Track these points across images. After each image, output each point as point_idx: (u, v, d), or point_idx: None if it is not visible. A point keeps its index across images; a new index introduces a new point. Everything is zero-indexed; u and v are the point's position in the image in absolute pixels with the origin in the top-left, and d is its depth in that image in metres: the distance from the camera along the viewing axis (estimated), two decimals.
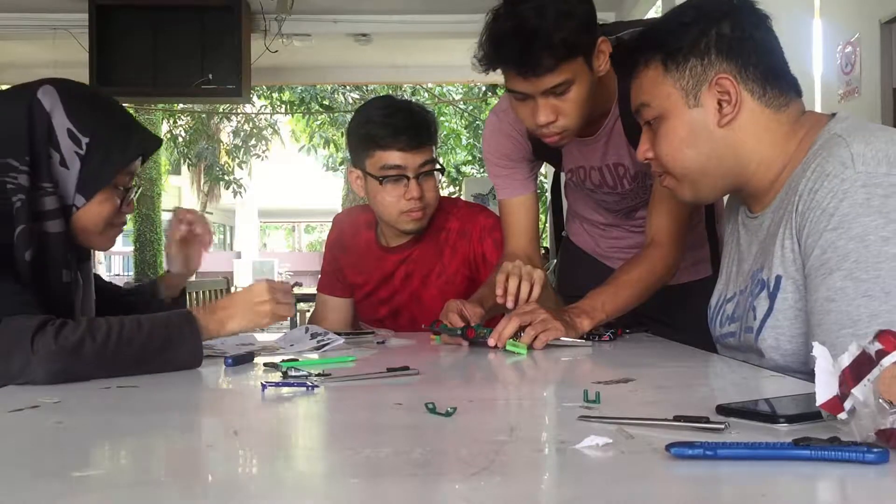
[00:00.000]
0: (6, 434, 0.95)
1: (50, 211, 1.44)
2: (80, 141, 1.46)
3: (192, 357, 1.38)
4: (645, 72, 1.39)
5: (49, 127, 1.44)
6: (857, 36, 3.59)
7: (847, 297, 1.18)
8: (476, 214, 2.14)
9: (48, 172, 1.44)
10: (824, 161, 1.24)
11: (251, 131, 17.85)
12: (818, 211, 1.22)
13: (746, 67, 1.32)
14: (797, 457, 0.73)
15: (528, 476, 0.76)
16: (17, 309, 1.28)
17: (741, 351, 1.42)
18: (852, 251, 1.18)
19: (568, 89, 1.63)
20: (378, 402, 1.13)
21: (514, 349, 1.55)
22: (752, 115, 1.33)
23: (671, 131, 1.37)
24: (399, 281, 2.15)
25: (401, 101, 2.10)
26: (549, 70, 1.59)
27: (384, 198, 2.03)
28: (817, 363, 0.79)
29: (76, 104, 1.47)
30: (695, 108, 1.34)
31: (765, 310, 1.32)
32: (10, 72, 7.37)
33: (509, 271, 1.70)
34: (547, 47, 1.56)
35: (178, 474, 0.79)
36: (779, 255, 1.30)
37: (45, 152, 1.43)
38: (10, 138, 1.42)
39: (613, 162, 1.89)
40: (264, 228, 31.24)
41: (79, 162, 1.46)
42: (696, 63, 1.34)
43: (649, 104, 1.39)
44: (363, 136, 2.03)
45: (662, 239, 1.80)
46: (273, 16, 5.49)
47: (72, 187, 1.47)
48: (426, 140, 2.02)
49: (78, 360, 1.24)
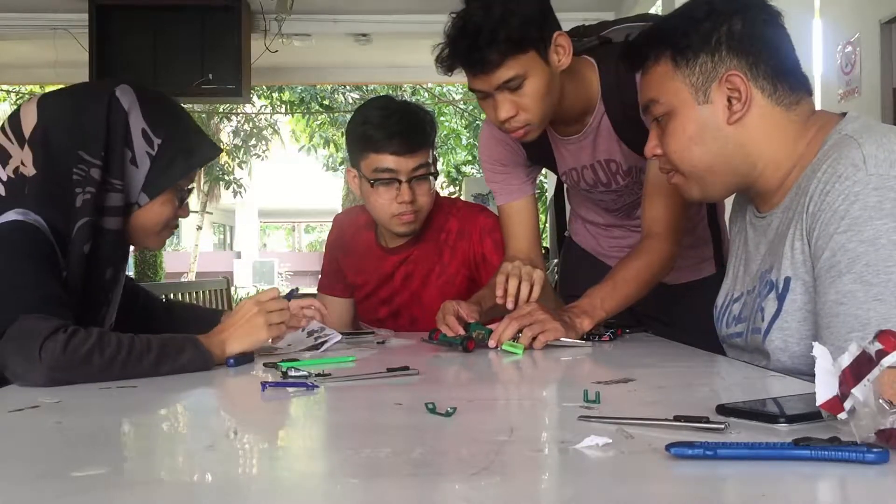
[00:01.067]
0: (6, 434, 0.95)
1: (113, 207, 1.48)
2: (153, 142, 1.50)
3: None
4: (654, 67, 1.38)
5: (126, 126, 1.47)
6: (857, 36, 3.59)
7: (857, 300, 1.17)
8: (476, 215, 2.14)
9: (119, 170, 1.47)
10: (836, 162, 1.23)
11: (251, 131, 17.86)
12: (829, 213, 1.21)
13: (757, 65, 1.31)
14: (797, 457, 0.73)
15: (528, 476, 0.76)
16: (37, 306, 1.28)
17: (748, 352, 1.41)
18: (863, 254, 1.17)
19: (521, 84, 1.65)
20: (378, 402, 1.13)
21: (511, 349, 1.55)
22: (762, 113, 1.32)
23: (679, 128, 1.35)
24: (399, 281, 2.15)
25: (398, 103, 2.09)
26: (497, 65, 1.63)
27: (376, 200, 2.03)
28: (817, 363, 0.79)
29: (152, 106, 1.51)
30: (704, 104, 1.33)
31: (773, 311, 1.31)
32: (10, 72, 7.39)
33: (509, 272, 1.70)
34: (491, 43, 1.61)
35: (178, 474, 0.79)
36: (788, 256, 1.29)
37: (119, 150, 1.47)
38: (88, 133, 1.45)
39: (605, 158, 1.89)
40: (264, 228, 31.25)
41: (149, 162, 1.50)
42: (707, 59, 1.32)
43: (658, 100, 1.37)
44: (359, 136, 2.03)
45: (658, 231, 1.79)
46: (273, 16, 5.49)
47: (138, 186, 1.51)
48: (420, 144, 2.01)
49: (82, 372, 1.24)
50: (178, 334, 1.38)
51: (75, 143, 1.44)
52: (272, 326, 1.48)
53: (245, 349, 1.44)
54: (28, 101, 1.50)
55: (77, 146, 1.44)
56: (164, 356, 1.31)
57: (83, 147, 1.44)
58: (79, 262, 1.43)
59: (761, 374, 1.28)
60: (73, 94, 1.54)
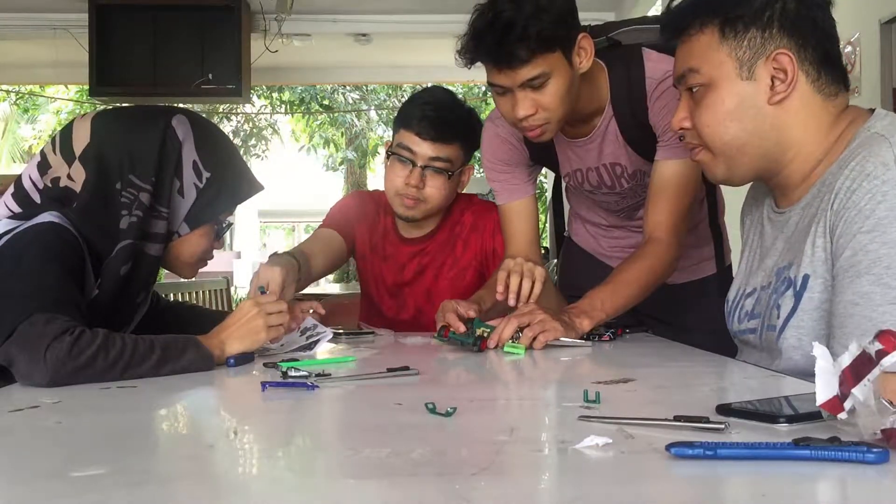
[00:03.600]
0: (6, 434, 0.95)
1: (156, 234, 1.51)
2: (202, 175, 1.53)
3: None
4: (699, 36, 1.32)
5: (178, 156, 1.50)
6: (857, 36, 3.59)
7: (873, 302, 1.16)
8: (490, 210, 2.16)
9: (167, 198, 1.50)
10: (864, 160, 1.20)
11: (251, 131, 17.84)
12: (854, 211, 1.19)
13: (806, 48, 1.26)
14: (797, 457, 0.73)
15: (528, 476, 0.76)
16: (50, 307, 1.29)
17: (760, 349, 1.38)
18: (884, 256, 1.15)
19: (545, 83, 1.65)
20: (378, 402, 1.13)
21: (513, 350, 1.55)
22: (803, 99, 1.28)
23: (718, 101, 1.30)
24: (411, 273, 2.16)
25: (447, 96, 2.15)
26: (524, 62, 1.62)
27: (388, 173, 2.07)
28: (817, 363, 0.79)
29: (204, 139, 1.54)
30: (747, 80, 1.28)
31: (789, 308, 1.28)
32: (10, 72, 7.39)
33: (510, 268, 1.70)
34: (521, 39, 1.59)
35: (178, 474, 0.79)
36: (809, 253, 1.26)
37: (169, 178, 1.50)
38: (142, 158, 1.47)
39: (610, 162, 1.89)
40: (264, 228, 31.21)
41: (195, 193, 1.53)
42: (757, 34, 1.27)
43: (698, 70, 1.31)
44: (401, 111, 2.12)
45: (661, 235, 1.79)
46: (273, 16, 5.49)
47: (181, 216, 1.54)
48: (447, 137, 2.03)
49: (85, 374, 1.25)
50: (178, 335, 1.39)
51: (127, 166, 1.46)
52: (272, 328, 1.49)
53: (245, 350, 1.44)
54: (82, 117, 1.52)
55: (129, 169, 1.46)
56: (166, 358, 1.32)
57: (134, 171, 1.47)
58: (114, 281, 1.46)
59: (761, 373, 1.28)
60: (129, 116, 1.57)
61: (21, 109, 15.78)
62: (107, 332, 1.30)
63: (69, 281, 1.36)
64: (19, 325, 1.26)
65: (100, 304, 1.45)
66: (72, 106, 13.44)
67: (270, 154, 18.20)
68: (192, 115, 1.57)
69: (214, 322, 1.50)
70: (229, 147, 1.62)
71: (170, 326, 1.59)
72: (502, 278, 1.69)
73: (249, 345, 1.45)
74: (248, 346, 1.45)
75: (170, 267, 1.61)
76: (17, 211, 1.46)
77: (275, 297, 1.56)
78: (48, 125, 15.75)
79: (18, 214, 1.45)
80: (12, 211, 1.46)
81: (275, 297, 1.58)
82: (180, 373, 1.33)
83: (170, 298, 1.93)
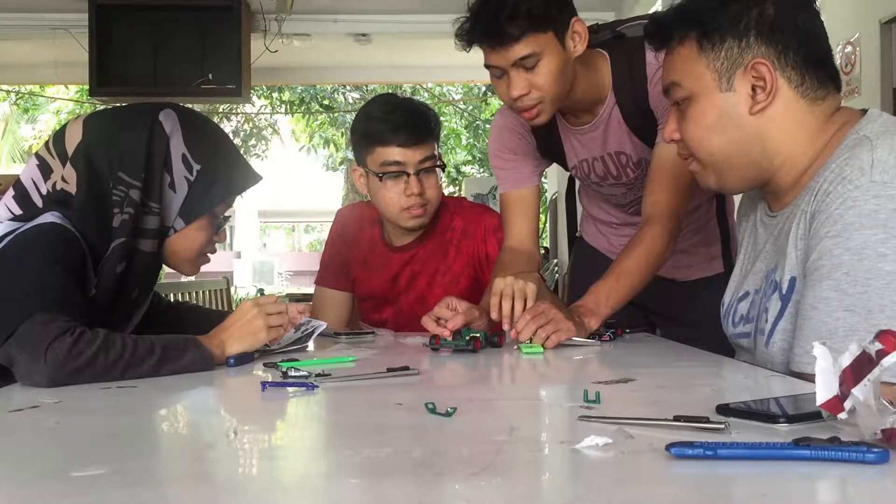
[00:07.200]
0: (6, 434, 0.95)
1: (149, 230, 1.50)
2: (192, 167, 1.52)
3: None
4: (678, 49, 1.33)
5: (166, 150, 1.49)
6: (857, 36, 3.58)
7: (829, 307, 1.15)
8: (480, 214, 2.15)
9: (158, 193, 1.49)
10: (844, 163, 1.19)
11: (251, 131, 17.84)
12: (825, 214, 1.18)
13: (787, 53, 1.25)
14: (797, 457, 0.72)
15: (528, 476, 0.76)
16: (52, 306, 1.29)
17: (752, 353, 1.38)
18: (846, 262, 1.15)
19: (537, 63, 1.69)
20: (378, 402, 1.13)
21: (531, 351, 1.55)
22: (786, 106, 1.27)
23: (700, 114, 1.31)
24: (405, 281, 2.15)
25: (401, 99, 2.12)
26: (515, 39, 1.66)
27: (385, 194, 2.03)
28: (817, 363, 0.79)
29: (193, 131, 1.53)
30: (727, 91, 1.28)
31: (776, 312, 1.28)
32: (10, 72, 7.38)
33: (502, 291, 1.69)
34: (512, 17, 1.65)
35: (178, 474, 0.79)
36: (792, 255, 1.26)
37: (158, 173, 1.49)
38: (129, 155, 1.47)
39: (615, 150, 1.90)
40: (264, 228, 31.22)
41: (187, 187, 1.52)
42: (734, 44, 1.27)
43: (680, 84, 1.32)
44: (364, 132, 2.05)
45: (657, 214, 1.78)
46: (273, 16, 5.49)
47: (175, 210, 1.53)
48: (426, 136, 2.03)
49: (85, 374, 1.25)
50: (179, 335, 1.39)
51: (116, 164, 1.46)
52: (272, 328, 1.49)
53: (244, 350, 1.45)
54: (75, 119, 1.53)
55: (117, 167, 1.46)
56: (166, 358, 1.32)
57: (123, 168, 1.46)
58: (110, 280, 1.46)
59: (761, 373, 1.28)
60: (118, 115, 1.57)
61: (21, 109, 15.79)
62: (107, 332, 1.30)
63: (70, 281, 1.36)
64: (20, 326, 1.26)
65: (97, 303, 1.45)
66: (72, 106, 13.45)
67: (270, 154, 18.19)
68: (181, 109, 1.55)
69: (214, 322, 1.50)
70: (220, 139, 1.60)
71: (170, 326, 1.60)
72: (495, 304, 1.68)
73: (249, 345, 1.46)
74: (248, 347, 1.45)
75: (171, 264, 1.61)
76: (18, 213, 1.46)
77: (274, 299, 1.56)
78: (48, 125, 15.76)
79: (19, 216, 1.45)
80: (13, 213, 1.46)
81: (274, 297, 1.58)
82: (180, 373, 1.33)
83: (170, 298, 1.93)
